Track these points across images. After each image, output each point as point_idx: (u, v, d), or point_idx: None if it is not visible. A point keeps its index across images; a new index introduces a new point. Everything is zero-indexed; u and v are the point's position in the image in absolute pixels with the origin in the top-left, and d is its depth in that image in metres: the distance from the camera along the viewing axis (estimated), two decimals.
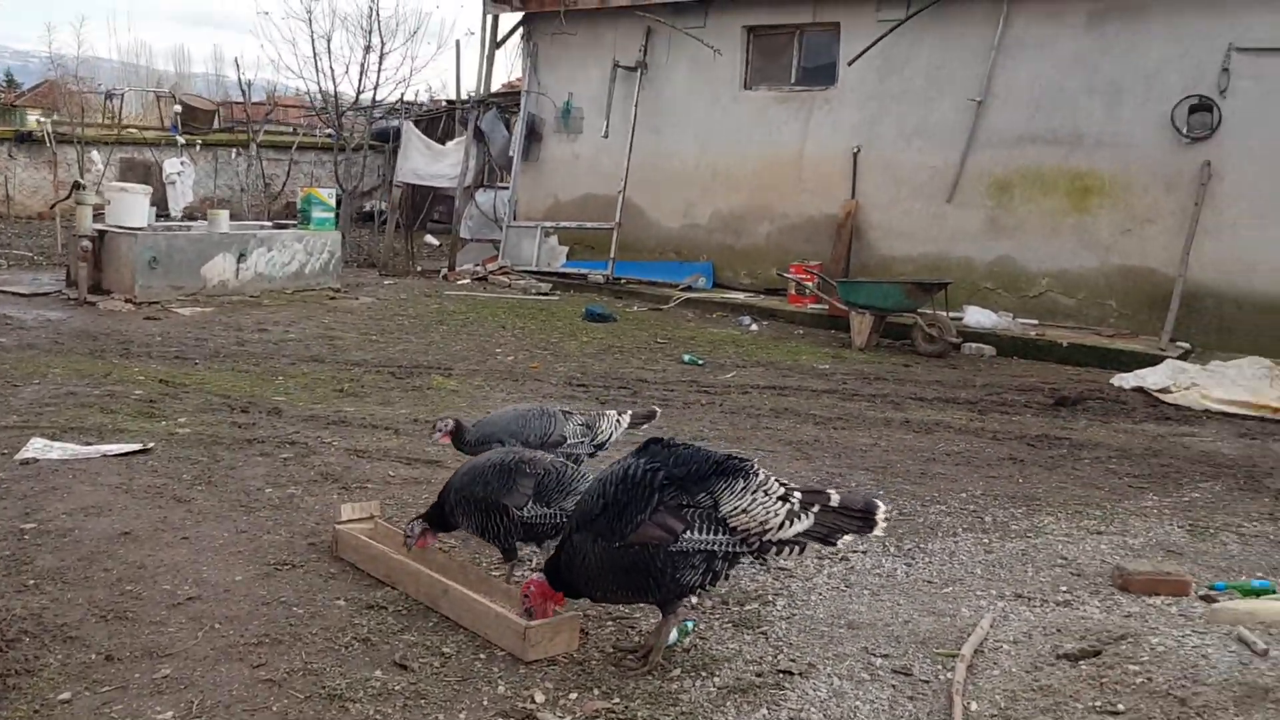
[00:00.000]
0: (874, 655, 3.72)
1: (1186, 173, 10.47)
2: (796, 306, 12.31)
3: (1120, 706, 3.11)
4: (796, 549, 3.43)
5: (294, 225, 12.69)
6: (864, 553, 4.80)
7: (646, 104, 14.33)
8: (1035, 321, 11.21)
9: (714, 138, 13.91)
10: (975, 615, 4.06)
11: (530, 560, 4.45)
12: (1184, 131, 10.44)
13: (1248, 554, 4.95)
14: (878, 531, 3.43)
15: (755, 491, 3.41)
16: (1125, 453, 6.82)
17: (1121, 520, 5.38)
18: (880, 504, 3.49)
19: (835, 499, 3.45)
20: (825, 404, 8.04)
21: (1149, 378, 8.82)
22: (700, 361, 9.50)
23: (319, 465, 5.74)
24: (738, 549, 3.43)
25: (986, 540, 5.02)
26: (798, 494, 3.45)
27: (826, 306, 11.42)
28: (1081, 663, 3.46)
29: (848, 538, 3.42)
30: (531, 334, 10.53)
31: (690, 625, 3.91)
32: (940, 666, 3.62)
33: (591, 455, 4.85)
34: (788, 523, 3.38)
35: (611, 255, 14.04)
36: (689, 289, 13.41)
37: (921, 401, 8.28)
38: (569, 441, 4.73)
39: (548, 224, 15.10)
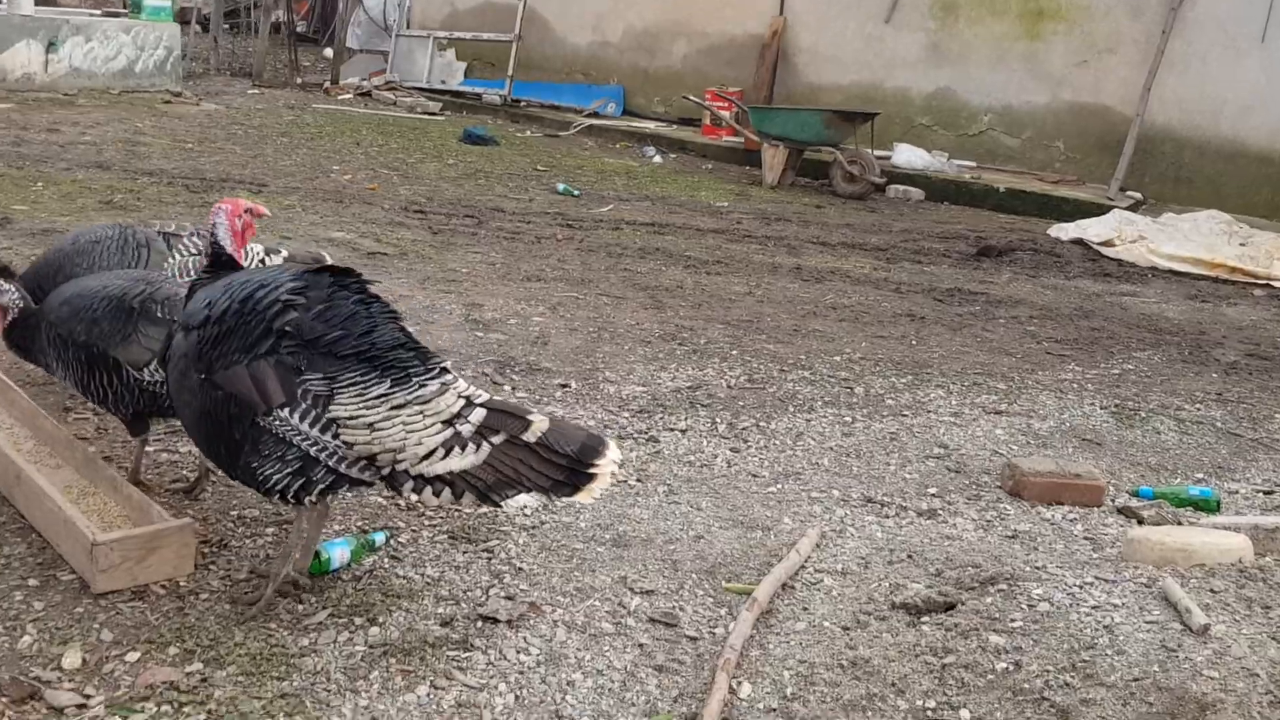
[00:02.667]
0: (632, 591, 2.51)
1: None
2: (710, 139, 10.82)
3: (964, 714, 1.92)
4: (448, 491, 2.17)
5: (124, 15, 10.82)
6: (682, 432, 3.57)
7: None
8: (973, 163, 9.86)
9: None
10: (799, 528, 2.86)
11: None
12: None
13: (1186, 446, 3.79)
14: (584, 497, 2.17)
15: (406, 405, 2.16)
16: (1050, 312, 5.60)
17: (1030, 396, 4.18)
18: (609, 446, 2.21)
19: (538, 428, 2.18)
20: (707, 245, 6.72)
21: (1091, 229, 7.58)
22: (576, 192, 8.08)
23: None
24: (348, 470, 2.18)
25: (849, 418, 3.80)
26: (480, 412, 2.18)
27: (743, 140, 9.96)
28: (924, 620, 2.28)
29: (524, 498, 2.16)
30: (389, 154, 8.99)
31: (380, 538, 2.66)
32: (724, 612, 2.43)
33: None
34: (441, 452, 2.14)
35: (510, 73, 12.32)
36: (595, 115, 11.82)
37: (823, 246, 6.98)
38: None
39: (440, 34, 13.28)
